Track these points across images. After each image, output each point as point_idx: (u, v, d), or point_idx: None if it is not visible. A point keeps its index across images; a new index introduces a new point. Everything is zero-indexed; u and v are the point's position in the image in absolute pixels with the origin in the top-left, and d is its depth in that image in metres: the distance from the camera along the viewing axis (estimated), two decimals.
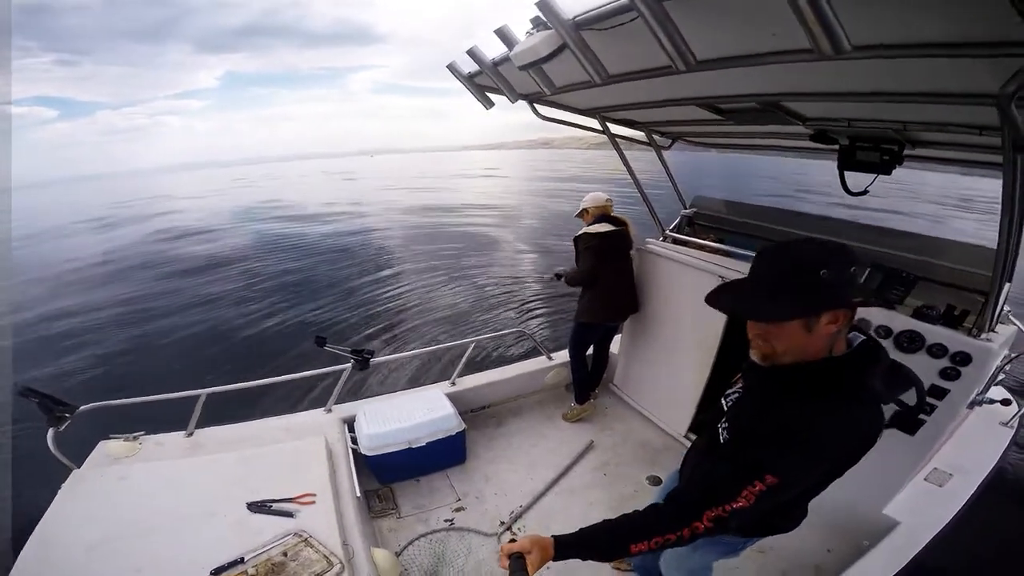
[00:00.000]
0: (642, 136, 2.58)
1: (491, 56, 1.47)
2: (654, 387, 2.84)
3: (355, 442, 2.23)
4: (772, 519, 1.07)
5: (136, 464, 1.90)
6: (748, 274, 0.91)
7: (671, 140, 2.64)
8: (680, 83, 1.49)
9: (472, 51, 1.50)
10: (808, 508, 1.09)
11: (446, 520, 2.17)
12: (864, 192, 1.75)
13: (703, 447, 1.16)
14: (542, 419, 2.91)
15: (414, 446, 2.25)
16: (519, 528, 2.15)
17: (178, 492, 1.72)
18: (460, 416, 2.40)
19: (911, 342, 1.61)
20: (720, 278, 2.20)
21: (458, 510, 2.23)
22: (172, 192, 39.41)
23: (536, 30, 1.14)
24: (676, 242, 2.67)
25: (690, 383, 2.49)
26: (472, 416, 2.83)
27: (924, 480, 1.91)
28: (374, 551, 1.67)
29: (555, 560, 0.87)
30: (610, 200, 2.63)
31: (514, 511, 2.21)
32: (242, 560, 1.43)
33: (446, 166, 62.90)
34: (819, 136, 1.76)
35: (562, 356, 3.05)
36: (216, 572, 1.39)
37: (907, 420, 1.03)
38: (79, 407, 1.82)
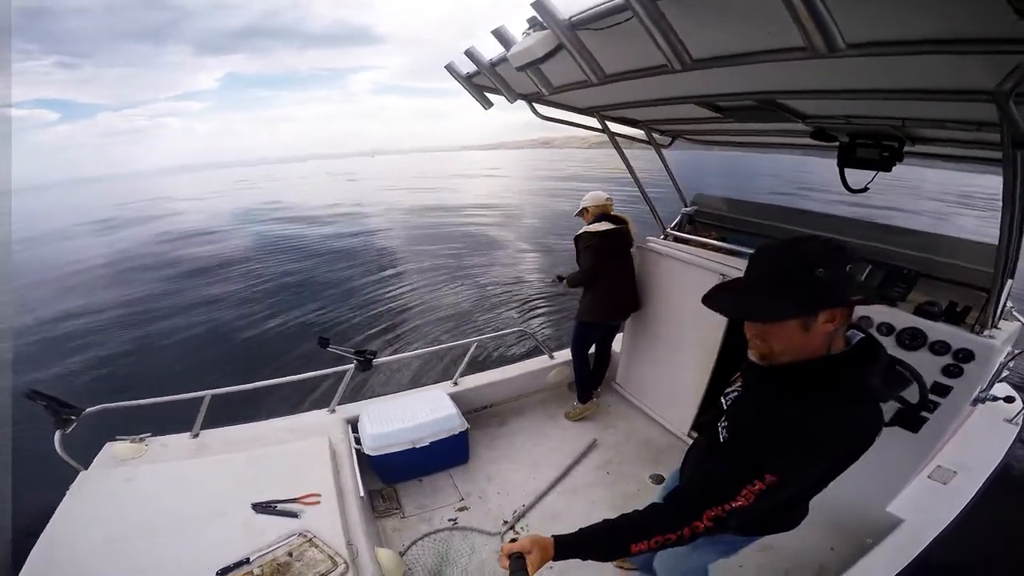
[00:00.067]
0: (642, 135, 2.58)
1: (489, 57, 1.47)
2: (656, 385, 2.84)
3: (359, 442, 2.25)
4: (772, 518, 1.06)
5: (142, 465, 1.91)
6: (744, 274, 0.91)
7: (671, 138, 2.64)
8: (677, 81, 1.49)
9: (470, 52, 1.50)
10: (810, 506, 1.09)
11: (449, 520, 2.18)
12: (864, 189, 1.75)
13: (703, 446, 1.16)
14: (544, 418, 2.92)
15: (417, 446, 2.26)
16: (522, 527, 2.16)
17: (184, 493, 1.73)
18: (463, 416, 2.41)
19: (913, 339, 1.60)
20: (721, 276, 2.20)
21: (461, 509, 2.24)
22: (173, 194, 39.60)
23: (533, 30, 1.15)
24: (677, 240, 2.67)
25: (692, 381, 2.48)
26: (475, 416, 2.83)
27: (928, 478, 1.91)
28: (378, 551, 1.68)
29: (555, 560, 0.87)
30: (610, 199, 2.63)
31: (517, 510, 2.22)
32: (248, 560, 1.45)
33: (446, 166, 62.94)
34: (819, 133, 1.75)
35: (564, 355, 3.06)
36: (222, 572, 1.40)
37: (910, 417, 1.02)
38: (85, 409, 1.84)
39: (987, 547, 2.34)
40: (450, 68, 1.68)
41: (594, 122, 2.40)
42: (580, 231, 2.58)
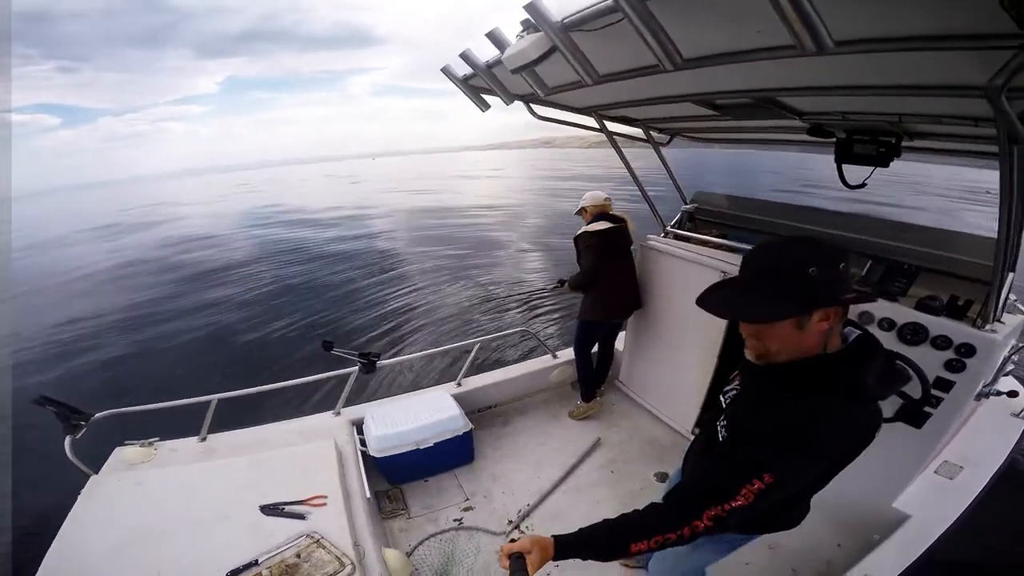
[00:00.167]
0: (640, 133, 2.58)
1: (484, 59, 1.47)
2: (660, 383, 2.84)
3: (364, 444, 2.27)
4: (772, 516, 1.06)
5: (152, 469, 1.95)
6: (737, 274, 0.92)
7: (669, 136, 2.64)
8: (672, 80, 1.49)
9: (465, 54, 1.50)
10: (816, 503, 1.08)
11: (455, 520, 2.19)
12: (862, 185, 1.74)
13: (703, 444, 1.16)
14: (548, 418, 2.93)
15: (422, 447, 2.28)
16: (527, 526, 2.17)
17: (193, 496, 1.76)
18: (467, 416, 2.43)
19: (915, 334, 1.59)
20: (722, 273, 2.20)
21: (467, 509, 2.25)
22: (175, 198, 39.65)
23: (526, 33, 1.15)
24: (677, 238, 2.67)
25: (695, 379, 2.49)
26: (478, 416, 2.85)
27: (934, 473, 1.89)
28: (385, 551, 1.70)
29: (555, 560, 0.87)
30: (608, 199, 2.64)
31: (522, 510, 2.23)
32: (256, 562, 1.47)
33: (447, 167, 62.97)
34: (816, 130, 1.75)
35: (567, 354, 3.07)
36: (232, 574, 1.42)
37: (913, 413, 1.02)
38: (94, 415, 1.86)
39: (994, 542, 2.33)
40: (446, 71, 1.69)
41: (592, 122, 2.40)
42: (579, 231, 2.59)
